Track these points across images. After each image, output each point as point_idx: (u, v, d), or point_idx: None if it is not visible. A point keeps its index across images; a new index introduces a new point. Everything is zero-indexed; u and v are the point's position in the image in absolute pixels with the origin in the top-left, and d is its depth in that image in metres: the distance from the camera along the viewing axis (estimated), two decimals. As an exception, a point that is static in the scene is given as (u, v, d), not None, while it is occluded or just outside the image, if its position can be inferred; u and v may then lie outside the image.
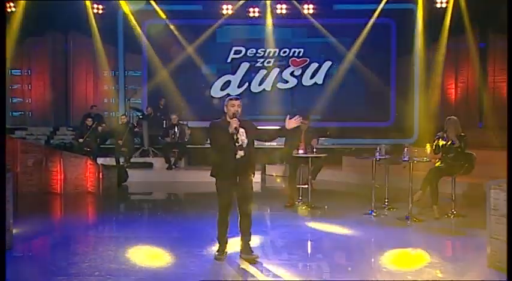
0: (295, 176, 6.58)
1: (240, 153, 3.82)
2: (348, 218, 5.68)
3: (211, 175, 3.93)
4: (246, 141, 3.85)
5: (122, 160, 9.53)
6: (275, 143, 11.84)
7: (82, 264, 3.92)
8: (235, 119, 3.79)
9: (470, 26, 10.82)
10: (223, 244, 4.02)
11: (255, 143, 4.02)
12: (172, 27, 11.70)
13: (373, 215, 5.78)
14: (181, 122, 10.15)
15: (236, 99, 3.92)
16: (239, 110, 3.87)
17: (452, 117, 5.73)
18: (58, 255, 4.22)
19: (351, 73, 11.80)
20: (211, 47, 11.94)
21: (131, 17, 11.65)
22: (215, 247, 4.11)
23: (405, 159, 5.49)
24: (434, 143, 5.65)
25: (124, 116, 10.08)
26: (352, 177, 9.01)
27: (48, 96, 11.92)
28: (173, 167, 9.54)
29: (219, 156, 3.88)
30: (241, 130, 3.85)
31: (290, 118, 3.99)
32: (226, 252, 4.05)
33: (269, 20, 11.82)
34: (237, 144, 3.82)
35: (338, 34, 11.65)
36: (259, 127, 4.11)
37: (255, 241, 4.22)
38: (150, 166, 9.84)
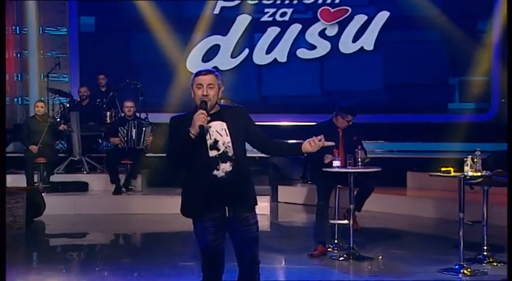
0: (327, 205, 6.61)
1: (224, 167, 3.78)
2: (417, 276, 5.68)
3: (181, 211, 3.92)
4: (230, 146, 3.79)
5: (36, 178, 9.52)
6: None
7: None
8: (201, 111, 3.68)
9: None
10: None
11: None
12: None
13: (463, 274, 5.73)
14: (138, 114, 10.16)
15: (207, 73, 3.84)
16: (212, 93, 3.78)
17: None
18: None
19: (425, 33, 11.86)
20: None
21: None
22: None
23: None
24: None
25: (41, 104, 10.05)
26: (423, 207, 9.01)
27: None
28: (123, 189, 9.55)
29: (190, 176, 3.86)
30: (219, 126, 3.81)
31: (315, 134, 3.98)
32: None
33: None
34: (213, 152, 3.77)
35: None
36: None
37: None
38: (83, 187, 9.87)
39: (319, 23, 12.09)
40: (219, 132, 3.78)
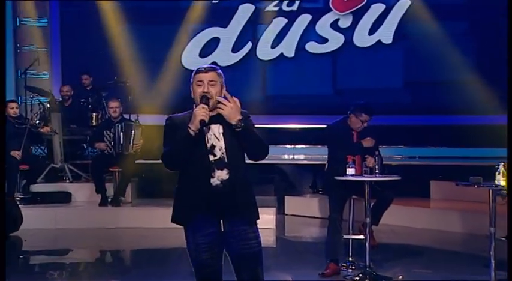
0: (340, 217, 6.62)
1: (220, 175, 3.81)
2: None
3: (172, 220, 3.95)
4: (223, 149, 3.82)
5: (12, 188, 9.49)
6: (302, 156, 11.74)
7: None
8: (202, 105, 3.74)
9: None
10: None
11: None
12: None
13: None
14: (128, 116, 10.19)
15: (208, 70, 3.91)
16: (214, 91, 3.84)
17: None
18: None
19: (451, 24, 11.85)
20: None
21: None
22: None
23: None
24: None
25: (15, 104, 9.99)
26: (449, 220, 9.00)
27: None
28: (109, 200, 9.55)
29: (183, 182, 3.89)
30: (217, 130, 3.85)
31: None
32: None
33: None
34: (211, 157, 3.81)
35: None
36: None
37: None
38: (65, 198, 9.89)
39: (331, 13, 12.11)
40: (217, 136, 3.83)
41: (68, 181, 10.22)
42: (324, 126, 7.15)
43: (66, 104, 10.88)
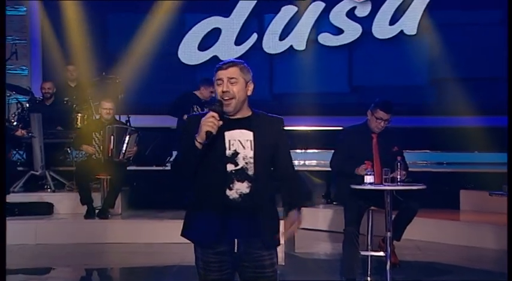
0: (357, 232, 6.62)
1: (240, 188, 3.80)
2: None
3: (181, 234, 3.96)
4: (252, 162, 3.80)
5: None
6: (314, 162, 11.70)
7: None
8: (211, 113, 3.70)
9: None
10: None
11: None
12: None
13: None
14: (118, 117, 10.20)
15: (228, 65, 3.87)
16: (236, 89, 3.81)
17: None
18: None
19: (483, 13, 11.93)
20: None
21: None
22: None
23: None
24: None
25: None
26: (481, 235, 8.96)
27: None
28: (97, 212, 9.52)
29: (196, 192, 3.90)
30: (244, 136, 3.83)
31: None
32: None
33: None
34: (229, 167, 3.79)
35: None
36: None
37: None
38: (47, 210, 9.88)
39: (346, 0, 12.14)
40: (242, 143, 3.81)
41: (49, 190, 10.21)
42: (339, 128, 7.14)
43: (47, 103, 10.84)
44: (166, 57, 12.14)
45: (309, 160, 11.74)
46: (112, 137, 9.51)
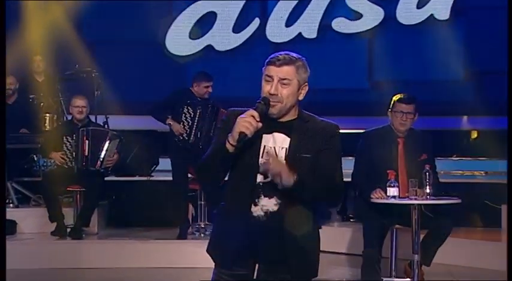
0: (378, 254, 6.75)
1: (266, 205, 3.87)
2: None
3: (208, 250, 4.07)
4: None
5: None
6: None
7: None
8: (251, 112, 3.73)
9: None
10: None
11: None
12: None
13: None
14: (94, 118, 10.27)
15: (284, 62, 3.90)
16: (286, 93, 3.85)
17: None
18: None
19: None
20: None
21: None
22: None
23: None
24: None
25: None
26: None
27: None
28: (68, 231, 9.54)
29: (222, 203, 4.01)
30: (280, 142, 3.89)
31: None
32: None
33: None
34: (258, 178, 3.85)
35: None
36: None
37: None
38: (9, 229, 9.79)
39: (363, -19, 12.26)
40: (277, 150, 3.87)
41: (12, 205, 10.28)
42: (359, 131, 7.15)
43: (9, 102, 10.77)
44: (151, 47, 12.27)
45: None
46: (87, 141, 9.53)
